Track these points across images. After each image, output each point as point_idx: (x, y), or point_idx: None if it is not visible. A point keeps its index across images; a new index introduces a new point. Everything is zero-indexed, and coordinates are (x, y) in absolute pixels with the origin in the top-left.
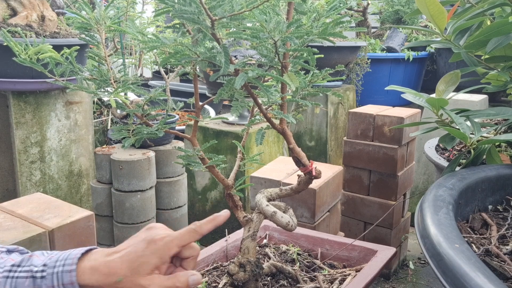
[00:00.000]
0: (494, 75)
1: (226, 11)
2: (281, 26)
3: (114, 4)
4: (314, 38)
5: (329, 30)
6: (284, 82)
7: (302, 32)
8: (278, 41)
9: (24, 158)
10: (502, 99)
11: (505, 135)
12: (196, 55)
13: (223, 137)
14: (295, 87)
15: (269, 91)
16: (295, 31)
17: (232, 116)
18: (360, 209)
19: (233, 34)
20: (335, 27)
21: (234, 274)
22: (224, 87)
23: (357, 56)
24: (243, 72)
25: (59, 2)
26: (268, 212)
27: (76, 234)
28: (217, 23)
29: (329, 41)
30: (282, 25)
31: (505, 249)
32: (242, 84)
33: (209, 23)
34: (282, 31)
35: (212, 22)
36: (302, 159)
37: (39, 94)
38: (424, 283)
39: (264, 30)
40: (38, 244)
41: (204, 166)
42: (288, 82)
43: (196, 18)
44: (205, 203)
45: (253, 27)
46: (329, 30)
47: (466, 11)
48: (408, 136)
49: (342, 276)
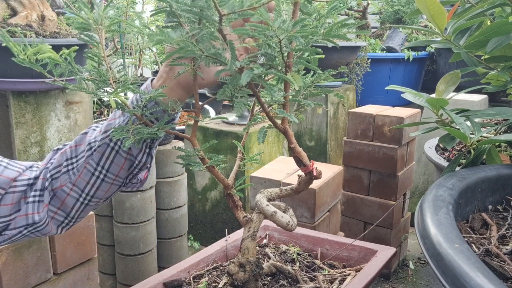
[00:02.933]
0: (494, 75)
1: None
2: (286, 24)
3: (114, 4)
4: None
5: (334, 32)
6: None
7: (308, 32)
8: (283, 39)
9: (24, 158)
10: (502, 99)
11: (505, 135)
12: (201, 51)
13: (223, 137)
14: (298, 86)
15: (273, 90)
16: (301, 31)
17: (232, 116)
18: (360, 209)
19: (239, 31)
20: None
21: (234, 274)
22: (227, 85)
23: (357, 56)
24: (248, 69)
25: (59, 2)
26: (268, 212)
27: (76, 234)
28: (225, 18)
29: (333, 43)
30: (287, 24)
31: (505, 249)
32: (247, 81)
33: (217, 18)
34: (288, 30)
35: (220, 17)
36: (303, 159)
37: (39, 94)
38: (424, 283)
39: (270, 28)
40: (38, 243)
41: (204, 166)
42: (292, 81)
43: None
44: (205, 203)
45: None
46: (334, 31)
47: (466, 11)
48: (408, 136)
49: (342, 276)
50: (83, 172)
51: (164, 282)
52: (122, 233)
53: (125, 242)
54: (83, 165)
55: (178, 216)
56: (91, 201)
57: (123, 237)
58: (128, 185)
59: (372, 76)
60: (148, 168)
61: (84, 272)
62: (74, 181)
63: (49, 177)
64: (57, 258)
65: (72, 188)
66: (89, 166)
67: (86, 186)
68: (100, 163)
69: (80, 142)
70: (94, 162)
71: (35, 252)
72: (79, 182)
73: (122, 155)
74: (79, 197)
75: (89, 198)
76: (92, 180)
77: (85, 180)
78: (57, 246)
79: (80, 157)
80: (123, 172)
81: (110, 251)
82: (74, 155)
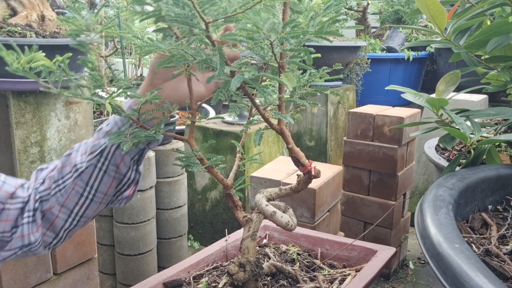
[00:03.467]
0: (494, 75)
1: (220, 13)
2: (276, 26)
3: (113, 4)
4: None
5: (326, 29)
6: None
7: (298, 32)
8: (274, 41)
9: (24, 158)
10: (502, 99)
11: (505, 135)
12: (193, 58)
13: (223, 137)
14: (292, 87)
15: (266, 92)
16: (291, 32)
17: (231, 116)
18: (360, 209)
19: (228, 36)
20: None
21: (234, 274)
22: (220, 89)
23: (357, 56)
24: (239, 73)
25: (59, 2)
26: (267, 212)
27: (76, 234)
28: (211, 25)
29: (326, 39)
30: (277, 26)
31: (505, 249)
32: (237, 86)
33: (203, 25)
34: (278, 32)
35: (206, 24)
36: (301, 159)
37: (39, 94)
38: (424, 283)
39: (259, 31)
40: None
41: (203, 167)
42: (285, 83)
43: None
44: (205, 203)
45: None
46: (326, 28)
47: (466, 11)
48: (408, 136)
49: (342, 276)
50: (71, 193)
51: (164, 282)
52: (122, 233)
53: (125, 242)
54: (71, 186)
55: (178, 216)
56: (80, 221)
57: (123, 237)
58: (114, 202)
59: (372, 76)
60: (136, 184)
61: (84, 272)
62: (62, 202)
63: (38, 199)
64: (57, 258)
65: (61, 209)
66: (78, 187)
67: (75, 206)
68: (89, 183)
69: (65, 164)
70: (83, 183)
71: None
72: (67, 203)
73: (111, 174)
74: (68, 217)
75: (78, 218)
76: (81, 201)
77: (73, 201)
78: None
79: (67, 179)
80: (111, 190)
81: (110, 251)
82: (60, 176)
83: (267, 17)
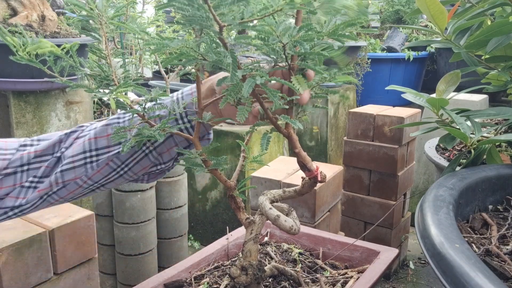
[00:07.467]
0: (495, 75)
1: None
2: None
3: (114, 3)
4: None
5: (340, 31)
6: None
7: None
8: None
9: None
10: (503, 99)
11: (506, 135)
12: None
13: (224, 137)
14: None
15: (276, 96)
16: (305, 35)
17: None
18: (360, 209)
19: (241, 38)
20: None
21: (236, 278)
22: (230, 92)
23: (357, 56)
24: (250, 77)
25: (59, 2)
26: (271, 216)
27: (76, 234)
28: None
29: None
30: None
31: (505, 249)
32: (250, 92)
33: (217, 28)
34: (292, 35)
35: (220, 28)
36: (307, 163)
37: (39, 94)
38: (424, 283)
39: (273, 34)
40: (38, 244)
41: (207, 169)
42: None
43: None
44: (205, 203)
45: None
46: (340, 31)
47: (466, 11)
48: (408, 136)
49: (345, 278)
50: (104, 168)
51: (165, 283)
52: (122, 233)
53: (126, 242)
54: (105, 161)
55: (178, 216)
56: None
57: (124, 237)
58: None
59: (372, 76)
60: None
61: (85, 272)
62: (90, 175)
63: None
64: (58, 258)
65: (86, 181)
66: (112, 163)
67: (102, 179)
68: (126, 162)
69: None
70: (119, 161)
71: (36, 252)
72: (96, 177)
73: (150, 159)
74: (89, 186)
75: (97, 186)
76: (111, 175)
77: (103, 175)
78: (58, 246)
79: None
80: (142, 172)
81: (110, 251)
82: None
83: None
